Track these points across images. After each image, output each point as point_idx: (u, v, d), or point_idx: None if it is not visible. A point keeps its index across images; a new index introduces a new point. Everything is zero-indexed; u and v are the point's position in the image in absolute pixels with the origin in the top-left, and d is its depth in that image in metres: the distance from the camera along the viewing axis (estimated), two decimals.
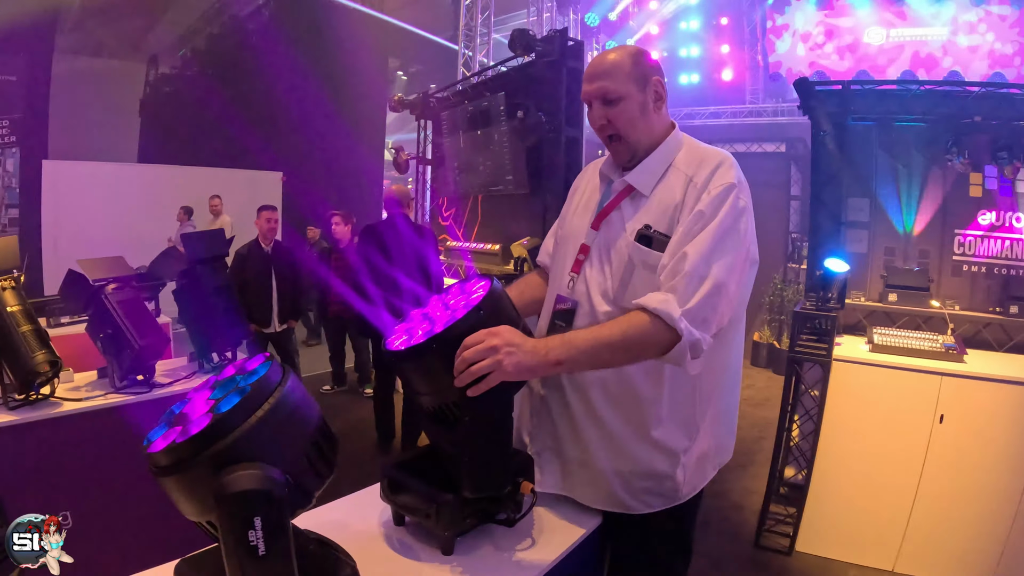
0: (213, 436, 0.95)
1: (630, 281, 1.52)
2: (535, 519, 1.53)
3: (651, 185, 1.55)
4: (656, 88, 1.56)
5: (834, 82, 4.06)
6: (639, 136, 1.55)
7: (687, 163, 1.54)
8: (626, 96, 1.52)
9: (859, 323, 3.88)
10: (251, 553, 0.92)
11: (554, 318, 1.64)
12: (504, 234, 6.97)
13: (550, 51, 5.49)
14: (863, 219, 4.05)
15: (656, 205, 1.52)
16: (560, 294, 1.64)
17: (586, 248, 1.62)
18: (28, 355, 2.56)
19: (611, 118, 1.54)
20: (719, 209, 1.43)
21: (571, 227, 1.72)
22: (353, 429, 5.49)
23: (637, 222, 1.53)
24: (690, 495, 1.58)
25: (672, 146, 1.58)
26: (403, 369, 1.34)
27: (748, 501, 4.01)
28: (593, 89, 1.54)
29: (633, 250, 1.51)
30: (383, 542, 1.43)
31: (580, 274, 1.61)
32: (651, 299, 1.37)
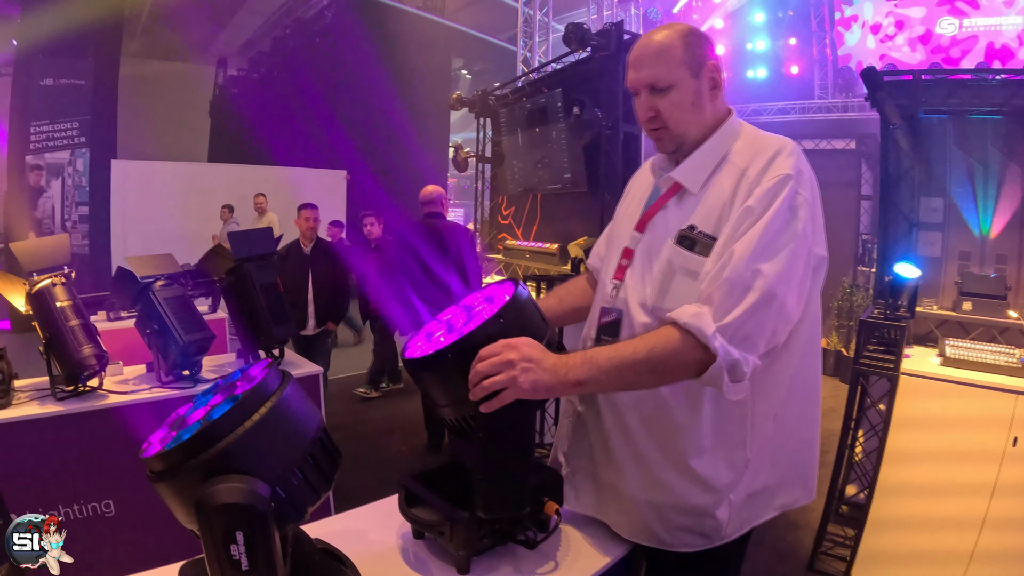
0: (201, 444, 0.91)
1: (669, 289, 1.35)
2: (563, 541, 1.44)
3: (700, 181, 1.37)
4: (712, 73, 1.37)
5: (904, 72, 3.81)
6: (689, 129, 1.37)
7: (742, 154, 1.35)
8: (677, 84, 1.34)
9: (930, 333, 3.63)
10: (235, 567, 0.88)
11: (600, 332, 1.48)
12: (563, 233, 6.90)
13: (605, 45, 5.38)
14: (936, 220, 3.79)
15: (704, 203, 1.34)
16: (604, 304, 1.49)
17: (630, 252, 1.46)
18: (75, 348, 2.61)
19: (660, 109, 1.36)
20: (771, 203, 1.23)
21: (619, 229, 1.57)
22: (401, 428, 5.48)
23: (681, 223, 1.36)
24: (735, 535, 1.39)
25: (726, 136, 1.39)
26: (420, 379, 1.27)
27: (806, 519, 3.81)
28: (640, 77, 1.36)
29: (673, 254, 1.34)
30: (399, 555, 1.36)
31: (623, 281, 1.45)
32: (683, 312, 1.22)
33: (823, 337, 8.26)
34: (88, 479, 2.63)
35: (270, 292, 3.26)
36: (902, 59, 9.91)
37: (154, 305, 2.92)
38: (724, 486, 1.35)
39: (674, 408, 1.34)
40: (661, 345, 1.21)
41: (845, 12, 10.58)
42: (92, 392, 2.76)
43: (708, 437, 1.34)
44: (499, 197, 8.78)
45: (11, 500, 2.46)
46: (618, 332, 1.43)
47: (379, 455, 4.93)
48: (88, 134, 9.44)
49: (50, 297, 2.66)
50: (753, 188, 1.27)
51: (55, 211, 9.39)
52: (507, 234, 8.48)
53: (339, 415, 5.69)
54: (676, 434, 1.35)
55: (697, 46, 1.35)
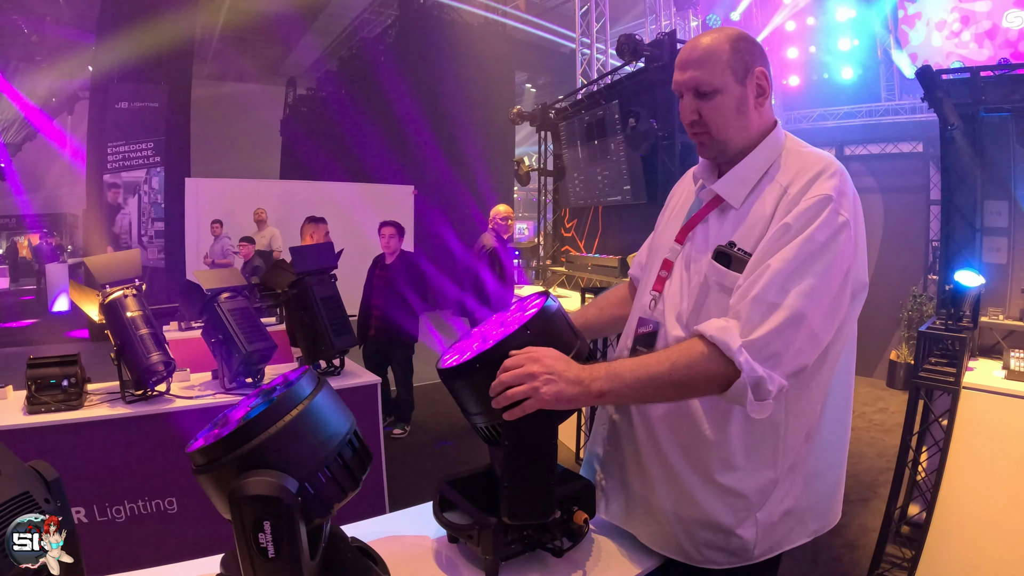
0: (237, 441, 0.99)
1: (704, 304, 1.35)
2: (592, 551, 1.45)
3: (742, 196, 1.35)
4: (759, 81, 1.33)
5: (962, 69, 3.65)
6: (731, 136, 1.35)
7: (785, 171, 1.32)
8: (722, 89, 1.31)
9: (996, 345, 3.47)
10: (262, 555, 0.95)
11: (635, 343, 1.48)
12: (623, 245, 6.90)
13: (659, 56, 5.37)
14: (1001, 224, 3.62)
15: (745, 219, 1.32)
16: (642, 315, 1.48)
17: (669, 264, 1.45)
18: (144, 355, 2.77)
19: (703, 113, 1.34)
20: (810, 223, 1.21)
21: (660, 239, 1.56)
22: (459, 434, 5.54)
23: (721, 238, 1.34)
24: (764, 556, 1.36)
25: (770, 150, 1.36)
26: (452, 388, 1.31)
27: (864, 540, 3.67)
28: (684, 79, 1.34)
29: (710, 269, 1.33)
30: (431, 557, 1.40)
31: (662, 293, 1.45)
32: (710, 325, 1.21)
33: (893, 349, 7.99)
34: (153, 477, 2.79)
35: (330, 305, 3.38)
36: (969, 56, 9.49)
37: (219, 316, 3.07)
38: (751, 504, 1.33)
39: (701, 422, 1.34)
40: (685, 358, 1.21)
41: (908, 10, 10.23)
42: (159, 396, 2.93)
43: (738, 454, 1.33)
44: (562, 210, 8.81)
45: (81, 495, 2.64)
46: (654, 344, 1.43)
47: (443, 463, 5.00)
48: (162, 154, 9.94)
49: (121, 307, 2.83)
50: (792, 207, 1.25)
51: (132, 227, 9.87)
52: (570, 247, 8.50)
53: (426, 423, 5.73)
54: (705, 449, 1.34)
55: (746, 52, 1.32)
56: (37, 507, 0.98)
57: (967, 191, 3.52)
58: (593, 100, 7.43)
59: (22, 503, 0.97)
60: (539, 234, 9.52)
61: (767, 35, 12.14)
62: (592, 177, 7.50)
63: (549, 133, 8.83)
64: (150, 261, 10.05)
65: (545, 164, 8.98)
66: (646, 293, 1.50)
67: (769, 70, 1.36)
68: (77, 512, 2.60)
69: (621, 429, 1.50)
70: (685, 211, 1.50)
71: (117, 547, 2.70)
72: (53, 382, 2.73)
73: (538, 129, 8.96)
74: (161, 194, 9.94)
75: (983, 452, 2.97)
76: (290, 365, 3.87)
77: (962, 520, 3.02)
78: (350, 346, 3.42)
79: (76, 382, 2.76)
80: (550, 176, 8.95)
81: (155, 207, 9.83)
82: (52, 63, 12.79)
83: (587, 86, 9.04)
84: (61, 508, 1.03)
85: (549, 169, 8.93)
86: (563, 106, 8.43)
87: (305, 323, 3.39)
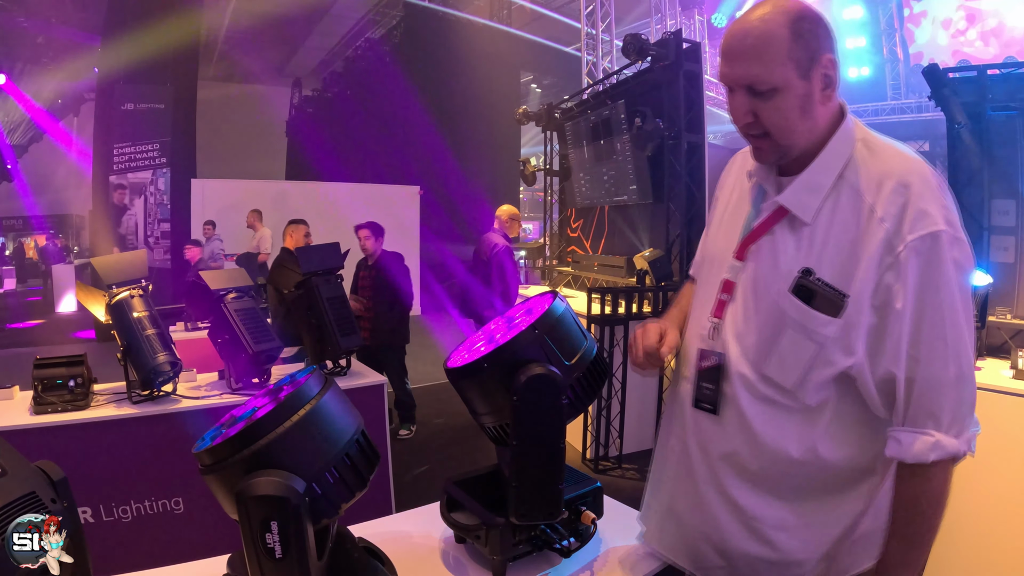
0: (244, 441, 0.99)
1: (777, 345, 1.16)
2: (600, 551, 1.45)
3: (814, 208, 1.14)
4: (826, 70, 1.09)
5: (968, 67, 3.65)
6: (797, 139, 1.13)
7: (865, 177, 1.11)
8: (783, 87, 1.07)
9: (1004, 344, 3.45)
10: (269, 555, 0.95)
11: (699, 378, 1.29)
12: (630, 245, 6.89)
13: (665, 54, 5.34)
14: (1008, 223, 3.61)
15: (822, 239, 1.12)
16: (703, 347, 1.30)
17: (730, 286, 1.25)
18: (150, 356, 2.76)
19: (760, 115, 1.11)
20: (938, 291, 1.05)
21: (714, 247, 1.36)
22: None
23: (795, 261, 1.14)
24: None
25: (842, 147, 1.15)
26: (460, 388, 1.31)
27: None
28: (735, 74, 1.11)
29: (787, 304, 1.14)
30: (438, 558, 1.40)
31: (723, 320, 1.26)
32: (922, 451, 1.08)
33: None
34: (160, 477, 2.79)
35: (336, 305, 3.38)
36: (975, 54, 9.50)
37: (226, 316, 3.07)
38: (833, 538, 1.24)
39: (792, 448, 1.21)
40: (927, 498, 1.11)
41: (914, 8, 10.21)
42: (166, 397, 2.92)
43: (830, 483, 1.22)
44: (568, 210, 8.80)
45: (87, 495, 2.64)
46: (719, 379, 1.26)
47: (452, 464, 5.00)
48: (168, 155, 9.97)
49: (128, 308, 2.83)
50: (893, 243, 1.07)
51: (138, 228, 9.91)
52: (576, 247, 8.49)
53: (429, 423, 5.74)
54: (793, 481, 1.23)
55: (810, 36, 1.07)
56: (43, 507, 0.98)
57: (974, 190, 3.51)
58: (599, 100, 7.42)
59: (28, 503, 0.97)
60: (545, 234, 9.51)
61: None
62: (598, 177, 7.49)
63: (555, 133, 8.83)
64: (156, 262, 10.07)
65: (551, 164, 8.97)
66: (705, 318, 1.31)
67: (837, 54, 1.12)
68: (83, 512, 2.61)
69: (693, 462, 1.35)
70: (741, 214, 1.29)
71: (123, 547, 2.70)
72: (60, 382, 2.73)
73: (544, 129, 8.96)
74: (167, 195, 9.98)
75: (991, 452, 2.94)
76: (296, 365, 3.87)
77: (969, 520, 3.00)
78: (356, 346, 3.42)
79: (83, 382, 2.76)
80: (556, 176, 8.94)
81: (161, 208, 9.87)
82: (58, 65, 12.85)
83: (593, 86, 9.03)
84: (67, 508, 1.03)
85: (555, 169, 8.92)
86: (569, 106, 8.42)
87: (311, 323, 3.39)
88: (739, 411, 1.23)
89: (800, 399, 1.17)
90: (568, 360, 1.26)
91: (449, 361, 1.34)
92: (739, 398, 1.23)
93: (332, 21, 15.53)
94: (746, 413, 1.22)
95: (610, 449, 4.82)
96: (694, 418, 1.32)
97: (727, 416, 1.26)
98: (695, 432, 1.32)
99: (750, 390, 1.21)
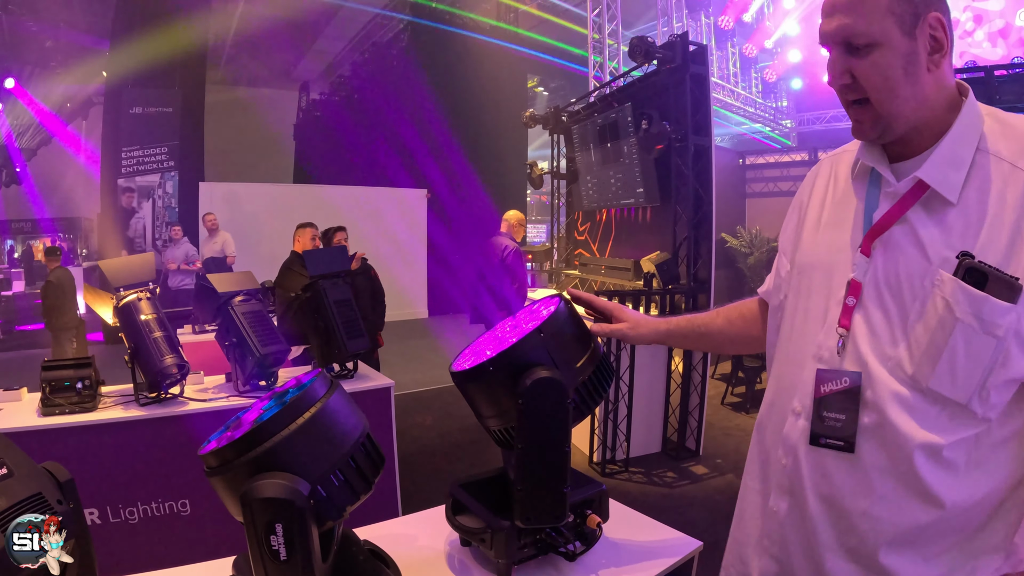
0: (249, 443, 0.99)
1: (945, 348, 0.94)
2: (605, 555, 1.43)
3: (960, 184, 0.97)
4: (934, 31, 0.97)
5: (975, 68, 3.63)
6: (899, 106, 0.99)
7: (1010, 146, 0.97)
8: (883, 42, 0.96)
9: None
10: (274, 557, 0.96)
11: (821, 407, 1.05)
12: (637, 248, 6.88)
13: (671, 57, 5.33)
14: None
15: (977, 220, 0.95)
16: (823, 367, 1.06)
17: (857, 287, 1.03)
18: (158, 358, 2.79)
19: (858, 74, 1.00)
20: None
21: (816, 250, 1.15)
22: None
23: (948, 248, 0.96)
24: None
25: (974, 119, 1.01)
26: (465, 391, 1.31)
27: None
28: (832, 28, 1.01)
29: (954, 293, 0.93)
30: (443, 561, 1.40)
31: (850, 330, 1.04)
32: None
33: None
34: (166, 479, 2.80)
35: (344, 308, 3.39)
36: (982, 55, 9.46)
37: (233, 319, 3.09)
38: None
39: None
40: None
41: None
42: (173, 399, 2.95)
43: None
44: (575, 213, 8.81)
45: (94, 496, 2.66)
46: (856, 405, 1.02)
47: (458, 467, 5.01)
48: (176, 158, 10.03)
49: (135, 311, 2.85)
50: None
51: (146, 231, 9.95)
52: (583, 249, 8.49)
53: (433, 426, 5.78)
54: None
55: None
56: (49, 508, 0.98)
57: None
58: (606, 103, 7.42)
59: (34, 504, 0.97)
60: (552, 237, 9.52)
61: (778, 38, 12.09)
62: (605, 180, 7.49)
63: (562, 136, 8.83)
64: (163, 264, 10.12)
65: (558, 167, 8.98)
66: (821, 330, 1.08)
67: (947, 16, 1.00)
68: (90, 513, 2.62)
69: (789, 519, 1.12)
70: (848, 213, 1.11)
71: (129, 549, 2.71)
72: (67, 384, 2.75)
73: (551, 132, 8.97)
74: (175, 198, 10.02)
75: None
76: (303, 368, 3.87)
77: None
78: (363, 349, 3.43)
79: (90, 384, 2.78)
80: (563, 179, 8.95)
81: (169, 211, 9.91)
82: (67, 68, 12.92)
83: (599, 89, 9.03)
84: (74, 509, 1.03)
85: (562, 172, 8.93)
86: (576, 109, 8.43)
87: (318, 326, 3.40)
88: (889, 443, 0.99)
89: (978, 414, 0.96)
90: (574, 363, 1.26)
91: (455, 364, 1.34)
92: (890, 426, 0.99)
93: (339, 25, 15.58)
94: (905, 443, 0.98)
95: (617, 452, 4.81)
96: (813, 462, 1.07)
97: (866, 454, 1.01)
98: (815, 482, 1.07)
99: (910, 412, 0.98)
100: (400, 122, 12.73)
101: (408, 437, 5.43)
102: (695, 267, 5.40)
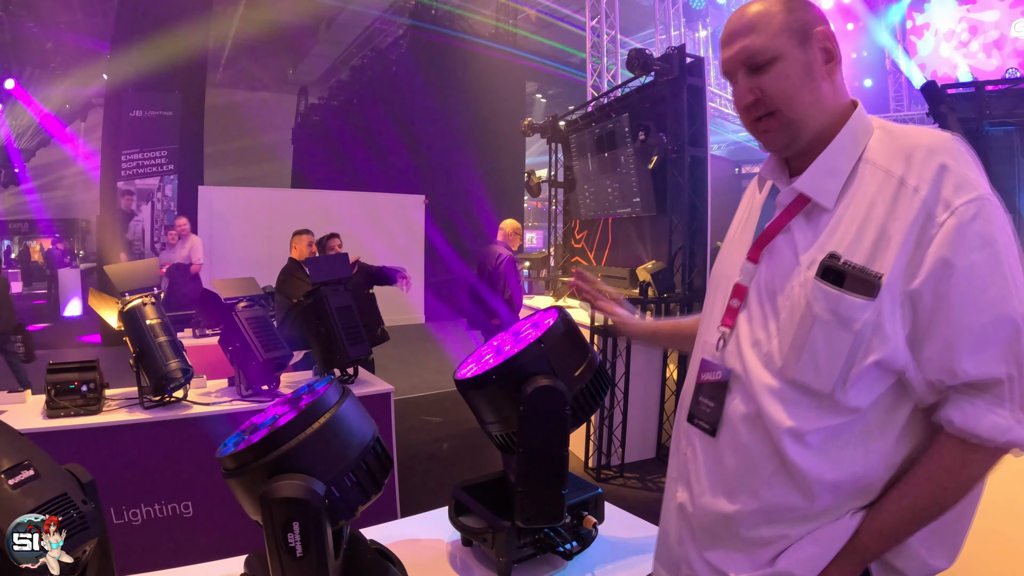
0: (267, 447, 1.05)
1: (807, 341, 1.01)
2: (601, 554, 1.50)
3: (835, 192, 1.04)
4: (823, 43, 1.06)
5: (967, 84, 3.69)
6: (803, 110, 1.06)
7: (887, 154, 1.03)
8: (782, 55, 1.05)
9: None
10: (290, 554, 1.01)
11: (697, 393, 1.17)
12: (634, 257, 6.93)
13: (668, 69, 5.40)
14: None
15: (848, 223, 1.02)
16: (706, 358, 1.17)
17: (741, 290, 1.13)
18: (162, 362, 2.83)
19: (764, 88, 1.06)
20: (985, 245, 0.94)
21: (722, 263, 1.24)
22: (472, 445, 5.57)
23: (818, 250, 1.03)
24: None
25: (858, 130, 1.07)
26: (468, 398, 1.37)
27: None
28: (733, 53, 1.09)
29: (813, 293, 1.00)
30: (446, 560, 1.46)
31: (734, 329, 1.13)
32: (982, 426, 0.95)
33: None
34: (170, 482, 2.85)
35: (345, 314, 3.44)
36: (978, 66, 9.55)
37: (236, 324, 3.13)
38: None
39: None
40: (951, 477, 1.00)
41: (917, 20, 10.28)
42: (177, 403, 2.99)
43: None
44: (572, 221, 8.85)
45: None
46: (723, 397, 1.11)
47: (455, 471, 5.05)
48: (176, 162, 10.03)
49: (140, 315, 2.90)
50: (937, 211, 0.96)
51: (145, 234, 9.96)
52: (580, 258, 8.54)
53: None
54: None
55: (801, 10, 1.08)
56: (75, 508, 1.03)
57: None
58: (603, 113, 7.48)
59: (61, 504, 1.02)
60: (549, 245, 9.57)
61: None
62: (602, 189, 7.54)
63: (559, 145, 8.89)
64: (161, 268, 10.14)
65: (555, 175, 9.03)
66: (712, 328, 1.18)
67: (831, 29, 1.09)
68: None
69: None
70: (751, 226, 1.20)
71: (133, 550, 2.75)
72: (72, 387, 2.79)
73: (549, 141, 9.02)
74: (174, 202, 10.04)
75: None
76: (305, 374, 3.92)
77: (976, 519, 2.95)
78: (364, 355, 3.47)
79: (95, 387, 2.82)
80: (560, 187, 9.00)
81: (168, 214, 9.92)
82: (67, 70, 12.97)
83: (597, 99, 9.10)
84: (95, 509, 1.08)
85: (559, 180, 8.98)
86: (573, 118, 8.49)
87: (319, 332, 3.44)
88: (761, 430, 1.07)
89: (843, 403, 1.01)
90: (572, 372, 1.33)
91: (459, 373, 1.40)
92: (764, 414, 1.06)
93: (338, 30, 15.65)
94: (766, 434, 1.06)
95: (612, 458, 4.86)
96: (687, 434, 1.19)
97: (723, 441, 1.11)
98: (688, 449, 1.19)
99: (779, 399, 1.05)
100: (399, 127, 12.79)
101: (405, 442, 5.47)
102: (690, 276, 5.46)
